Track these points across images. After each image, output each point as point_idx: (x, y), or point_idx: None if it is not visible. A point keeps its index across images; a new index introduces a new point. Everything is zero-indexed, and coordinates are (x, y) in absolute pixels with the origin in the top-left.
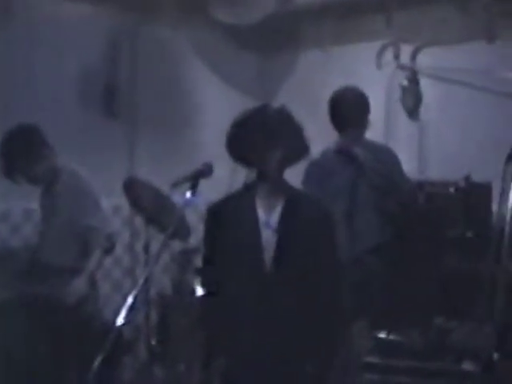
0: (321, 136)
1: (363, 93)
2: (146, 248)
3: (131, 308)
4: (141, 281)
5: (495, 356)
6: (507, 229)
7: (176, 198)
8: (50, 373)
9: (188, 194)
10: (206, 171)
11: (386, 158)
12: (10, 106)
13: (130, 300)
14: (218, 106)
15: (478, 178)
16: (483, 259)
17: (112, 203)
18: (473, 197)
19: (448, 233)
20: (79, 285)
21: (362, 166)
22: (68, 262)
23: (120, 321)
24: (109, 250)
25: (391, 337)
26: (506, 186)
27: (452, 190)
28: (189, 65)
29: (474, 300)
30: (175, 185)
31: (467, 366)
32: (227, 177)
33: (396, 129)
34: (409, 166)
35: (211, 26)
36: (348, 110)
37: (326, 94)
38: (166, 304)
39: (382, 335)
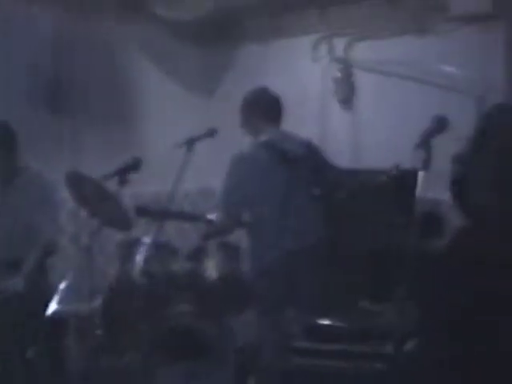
0: None
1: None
2: (90, 240)
3: (63, 296)
4: (70, 271)
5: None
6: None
7: None
8: None
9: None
10: (134, 165)
11: (310, 150)
12: None
13: (61, 287)
14: (161, 98)
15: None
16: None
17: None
18: (402, 184)
19: (379, 219)
20: (15, 282)
21: (294, 162)
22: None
23: (51, 310)
24: (49, 253)
25: (319, 322)
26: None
27: (384, 177)
28: (132, 59)
29: (398, 284)
30: (105, 178)
31: (390, 348)
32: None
33: (331, 120)
34: (343, 156)
35: (153, 21)
36: (272, 106)
37: None
38: (110, 294)
39: (311, 320)
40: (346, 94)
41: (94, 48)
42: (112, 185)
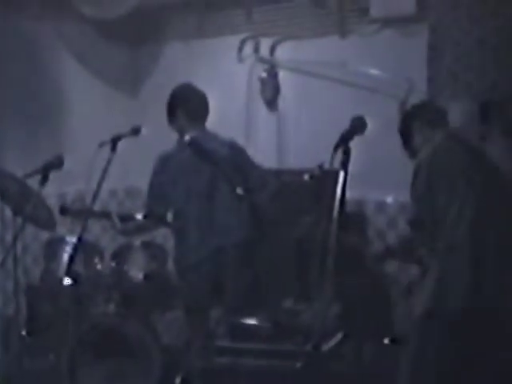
0: None
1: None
2: (15, 239)
3: None
4: None
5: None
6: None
7: None
8: None
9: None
10: (56, 163)
11: (234, 149)
12: None
13: None
14: (86, 96)
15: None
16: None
17: None
18: (324, 184)
19: (302, 219)
20: None
21: (218, 162)
22: None
23: None
24: None
25: (244, 321)
26: None
27: (306, 177)
28: (56, 57)
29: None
30: (27, 177)
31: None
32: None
33: (256, 120)
34: (268, 156)
35: (77, 20)
36: (198, 103)
37: None
38: (34, 294)
39: (236, 320)
40: (272, 94)
41: (19, 46)
42: (34, 183)
